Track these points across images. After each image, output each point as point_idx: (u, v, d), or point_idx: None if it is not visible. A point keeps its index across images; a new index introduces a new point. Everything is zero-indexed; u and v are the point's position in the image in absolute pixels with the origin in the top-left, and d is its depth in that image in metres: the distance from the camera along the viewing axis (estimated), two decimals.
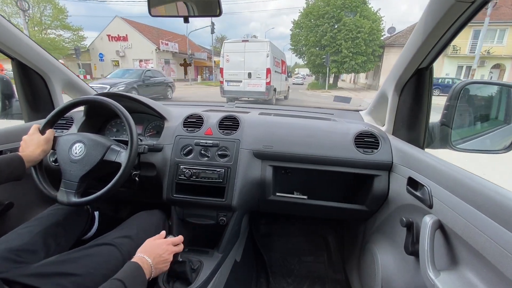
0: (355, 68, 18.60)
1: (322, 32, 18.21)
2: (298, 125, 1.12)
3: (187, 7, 0.93)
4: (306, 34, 19.41)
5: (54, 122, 0.91)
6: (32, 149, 0.80)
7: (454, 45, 17.76)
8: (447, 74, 17.68)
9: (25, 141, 0.83)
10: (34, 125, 0.87)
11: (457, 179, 0.60)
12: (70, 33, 21.22)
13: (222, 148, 1.03)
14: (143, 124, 1.23)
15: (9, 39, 0.99)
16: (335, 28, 18.33)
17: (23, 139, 0.84)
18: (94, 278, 0.65)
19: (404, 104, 0.95)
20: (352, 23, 17.31)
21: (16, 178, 0.74)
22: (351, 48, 17.65)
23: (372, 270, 0.96)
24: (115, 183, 0.81)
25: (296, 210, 1.21)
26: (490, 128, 0.94)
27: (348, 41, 17.53)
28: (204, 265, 0.96)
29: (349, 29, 17.37)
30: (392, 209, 0.94)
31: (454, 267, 0.59)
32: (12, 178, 0.72)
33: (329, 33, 18.08)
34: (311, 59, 19.79)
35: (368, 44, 17.74)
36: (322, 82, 22.36)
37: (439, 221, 0.62)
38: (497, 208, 0.47)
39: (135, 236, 0.82)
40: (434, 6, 0.67)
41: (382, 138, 1.00)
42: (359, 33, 17.27)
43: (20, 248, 0.71)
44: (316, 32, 18.64)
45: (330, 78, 19.82)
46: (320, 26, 18.34)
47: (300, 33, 20.61)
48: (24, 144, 0.82)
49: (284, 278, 1.44)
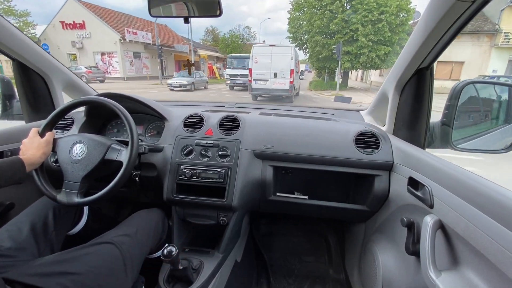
0: (375, 62, 13.23)
1: (331, 14, 12.81)
2: (298, 125, 1.12)
3: (187, 8, 0.94)
4: (309, 17, 13.69)
5: (53, 123, 0.91)
6: (32, 152, 0.80)
7: (507, 32, 12.92)
8: (494, 71, 12.94)
9: (25, 144, 0.83)
10: (33, 129, 0.86)
11: (458, 179, 0.60)
12: (15, 20, 16.39)
13: (222, 148, 1.03)
14: (143, 124, 1.23)
15: (10, 40, 1.00)
16: (349, 7, 12.98)
17: (23, 142, 0.83)
18: (95, 277, 0.66)
19: (405, 103, 0.95)
20: (373, 0, 12.09)
21: (17, 182, 0.74)
22: (371, 35, 12.42)
23: (373, 270, 0.96)
24: (117, 182, 0.82)
25: (297, 210, 1.21)
26: (491, 128, 0.94)
27: (367, 25, 12.28)
28: (204, 265, 0.96)
29: (368, 8, 12.16)
30: (392, 209, 0.94)
31: (455, 267, 0.59)
32: (13, 181, 0.72)
33: (340, 15, 12.65)
34: (315, 51, 14.31)
35: (393, 30, 12.43)
36: (328, 80, 16.79)
37: (440, 221, 0.62)
38: (499, 208, 0.47)
39: (134, 235, 0.82)
40: (435, 6, 0.67)
41: (382, 138, 1.00)
42: (381, 14, 12.01)
43: (9, 245, 0.71)
44: (322, 13, 13.15)
45: (340, 75, 13.68)
46: (328, 5, 12.90)
47: (300, 16, 14.85)
48: (24, 147, 0.82)
49: (284, 278, 1.43)
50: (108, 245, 0.74)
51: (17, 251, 0.71)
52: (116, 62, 19.87)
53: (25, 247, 0.74)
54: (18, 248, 0.72)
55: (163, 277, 0.92)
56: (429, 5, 0.69)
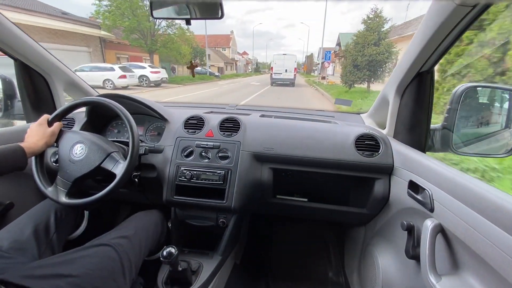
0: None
1: None
2: (298, 127, 1.12)
3: (189, 9, 0.94)
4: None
5: (63, 116, 0.92)
6: (35, 140, 0.82)
7: None
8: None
9: (32, 129, 0.84)
10: (44, 116, 0.88)
11: (458, 183, 0.60)
12: None
13: (222, 150, 1.03)
14: (144, 125, 1.24)
15: (13, 40, 1.00)
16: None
17: (30, 126, 0.85)
18: (92, 279, 0.65)
19: (405, 107, 0.95)
20: None
21: (19, 169, 0.76)
22: None
23: (373, 273, 0.96)
24: (106, 193, 0.81)
25: (296, 212, 1.21)
26: (492, 132, 0.94)
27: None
28: (203, 267, 0.96)
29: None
30: (392, 212, 0.93)
31: (455, 272, 0.58)
32: (15, 168, 0.75)
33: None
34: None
35: None
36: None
37: (440, 225, 0.62)
38: (499, 213, 0.47)
39: (132, 237, 0.81)
40: (436, 10, 0.67)
41: (383, 141, 1.00)
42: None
43: (10, 246, 0.71)
44: None
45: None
46: None
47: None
48: (30, 132, 0.84)
49: (284, 281, 1.43)
50: (106, 247, 0.73)
51: (17, 252, 0.71)
52: None
53: (25, 248, 0.74)
54: (19, 249, 0.72)
55: (161, 278, 0.92)
56: (430, 9, 0.69)
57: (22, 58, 1.08)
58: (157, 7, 0.95)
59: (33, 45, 1.08)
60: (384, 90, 1.07)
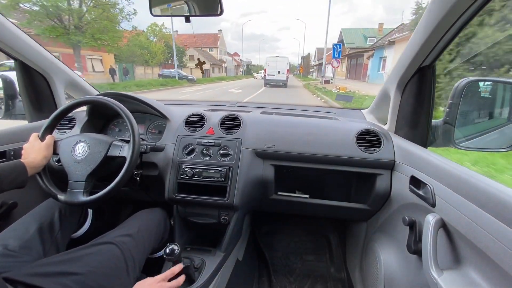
0: None
1: None
2: (299, 124, 1.12)
3: (188, 6, 0.94)
4: None
5: (53, 126, 0.91)
6: (33, 156, 0.80)
7: None
8: None
9: (26, 149, 0.83)
10: (33, 134, 0.86)
11: (460, 177, 0.60)
12: None
13: (223, 148, 1.03)
14: (145, 123, 1.24)
15: (13, 40, 1.00)
16: None
17: (24, 147, 0.84)
18: (96, 277, 0.66)
19: (407, 102, 0.94)
20: None
21: (19, 186, 0.74)
22: None
23: (375, 269, 0.96)
24: (121, 177, 0.82)
25: (298, 209, 1.21)
26: (494, 126, 0.93)
27: None
28: (206, 264, 0.97)
29: None
30: (394, 208, 0.94)
31: (457, 266, 0.58)
32: (14, 185, 0.73)
33: None
34: None
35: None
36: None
37: (442, 219, 0.62)
38: (501, 207, 0.47)
39: (136, 235, 0.82)
40: (438, 3, 0.66)
41: (384, 137, 0.99)
42: None
43: (16, 244, 0.72)
44: None
45: None
46: None
47: None
48: (25, 152, 0.82)
49: (286, 277, 1.44)
50: (110, 245, 0.74)
51: (22, 251, 0.72)
52: None
53: (31, 247, 0.74)
54: (24, 247, 0.73)
55: None
56: (432, 2, 0.68)
57: (22, 58, 1.08)
58: (156, 5, 0.94)
59: (33, 45, 1.08)
60: (385, 85, 1.06)
